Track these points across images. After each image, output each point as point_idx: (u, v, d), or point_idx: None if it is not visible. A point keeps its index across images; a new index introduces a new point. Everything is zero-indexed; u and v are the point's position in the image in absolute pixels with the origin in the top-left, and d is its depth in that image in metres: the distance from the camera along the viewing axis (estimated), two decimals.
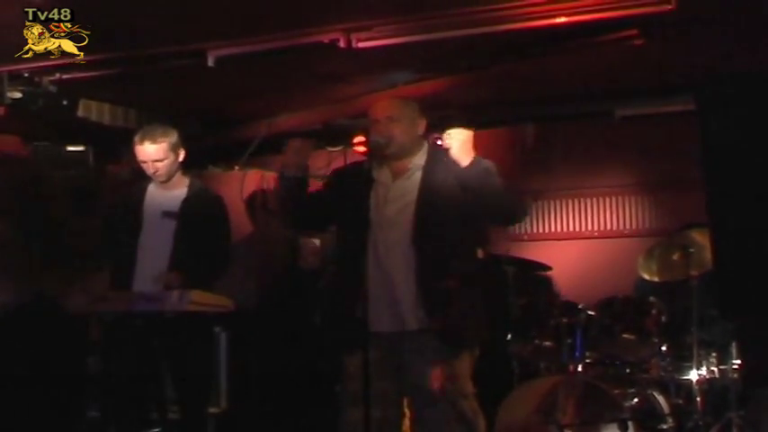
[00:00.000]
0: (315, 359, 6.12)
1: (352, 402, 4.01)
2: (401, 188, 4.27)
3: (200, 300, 4.79)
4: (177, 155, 5.08)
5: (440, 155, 4.26)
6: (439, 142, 4.18)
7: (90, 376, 6.06)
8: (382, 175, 4.30)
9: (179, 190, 5.12)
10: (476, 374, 4.32)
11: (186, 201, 5.08)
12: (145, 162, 5.03)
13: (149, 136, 5.03)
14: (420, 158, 4.30)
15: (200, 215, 5.06)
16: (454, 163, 4.17)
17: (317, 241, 7.06)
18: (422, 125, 4.34)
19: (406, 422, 4.42)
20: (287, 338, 6.49)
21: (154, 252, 4.99)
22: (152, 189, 5.15)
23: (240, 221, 6.52)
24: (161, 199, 5.09)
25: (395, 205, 4.24)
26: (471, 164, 4.14)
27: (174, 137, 5.07)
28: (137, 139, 5.04)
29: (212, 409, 5.48)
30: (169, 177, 5.08)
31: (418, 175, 4.26)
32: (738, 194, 3.95)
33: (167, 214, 5.03)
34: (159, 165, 5.01)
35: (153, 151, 5.00)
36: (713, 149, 4.17)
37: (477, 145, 4.19)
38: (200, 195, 5.14)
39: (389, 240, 4.18)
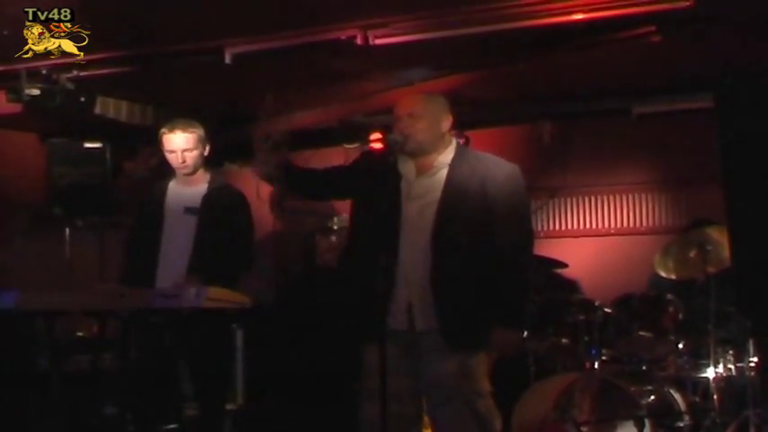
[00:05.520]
0: (331, 356, 6.12)
1: (371, 398, 4.00)
2: (424, 185, 4.17)
3: (217, 296, 4.78)
4: (204, 148, 5.09)
5: (467, 153, 4.21)
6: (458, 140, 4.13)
7: (107, 373, 6.07)
8: (407, 169, 4.21)
9: (201, 186, 5.11)
10: (492, 372, 4.31)
11: (207, 196, 5.07)
12: (173, 152, 5.03)
13: (180, 125, 5.05)
14: (446, 156, 4.19)
15: (221, 211, 5.05)
16: (483, 165, 4.15)
17: (333, 238, 7.06)
18: (447, 122, 4.23)
19: (427, 419, 4.41)
20: (304, 335, 6.50)
21: (176, 248, 5.00)
22: (173, 186, 5.15)
23: (256, 218, 6.52)
24: (183, 195, 5.10)
25: (417, 203, 4.14)
26: (503, 173, 4.14)
27: (201, 130, 5.11)
28: (165, 129, 5.05)
29: (229, 406, 5.49)
30: (195, 170, 5.08)
31: (443, 173, 4.15)
32: (756, 192, 3.94)
33: (189, 210, 5.04)
34: (188, 155, 5.02)
35: (183, 140, 5.02)
36: (731, 147, 4.15)
37: (495, 142, 4.16)
38: (221, 191, 5.14)
39: (408, 239, 4.10)
